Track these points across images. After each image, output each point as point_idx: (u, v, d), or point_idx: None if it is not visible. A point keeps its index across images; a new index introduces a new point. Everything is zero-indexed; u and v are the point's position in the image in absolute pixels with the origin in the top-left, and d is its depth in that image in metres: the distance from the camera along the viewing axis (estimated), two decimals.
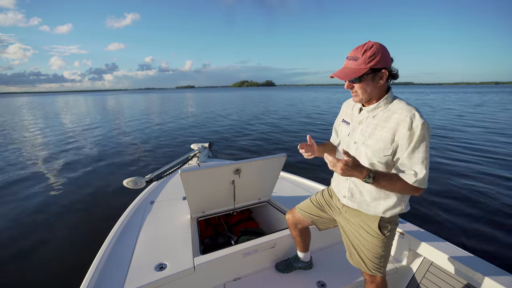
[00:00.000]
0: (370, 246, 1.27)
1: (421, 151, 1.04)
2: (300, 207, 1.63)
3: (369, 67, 1.06)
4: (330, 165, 1.06)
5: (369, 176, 1.06)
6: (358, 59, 1.07)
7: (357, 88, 1.13)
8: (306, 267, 1.77)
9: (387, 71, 1.08)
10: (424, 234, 1.78)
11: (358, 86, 1.12)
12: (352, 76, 1.09)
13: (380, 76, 1.09)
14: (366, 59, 1.06)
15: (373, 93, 1.13)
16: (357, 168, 1.04)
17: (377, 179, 1.07)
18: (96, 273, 1.45)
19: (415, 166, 1.05)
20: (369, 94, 1.13)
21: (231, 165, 1.82)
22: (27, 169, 6.16)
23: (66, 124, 14.51)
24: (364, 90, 1.12)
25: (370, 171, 1.07)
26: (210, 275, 1.60)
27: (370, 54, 1.05)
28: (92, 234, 3.20)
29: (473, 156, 6.35)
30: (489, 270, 1.43)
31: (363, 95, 1.14)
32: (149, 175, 2.34)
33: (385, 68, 1.08)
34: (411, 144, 1.04)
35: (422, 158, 1.04)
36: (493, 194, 4.16)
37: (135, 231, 1.89)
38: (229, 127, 11.66)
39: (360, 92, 1.13)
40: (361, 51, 1.07)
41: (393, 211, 1.20)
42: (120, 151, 7.70)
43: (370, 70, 1.07)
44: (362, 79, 1.10)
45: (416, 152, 1.04)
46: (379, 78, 1.10)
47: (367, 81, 1.10)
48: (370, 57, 1.05)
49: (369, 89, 1.12)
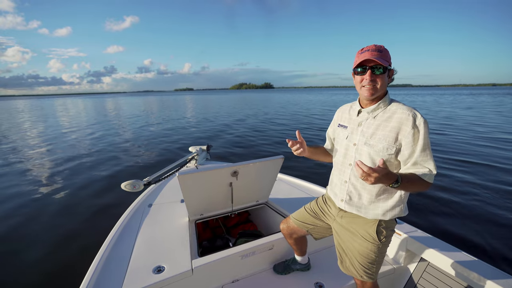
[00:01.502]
0: (364, 252, 1.26)
1: (428, 147, 1.08)
2: (294, 216, 1.61)
3: (389, 62, 1.14)
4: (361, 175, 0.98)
5: (396, 181, 1.02)
6: (382, 51, 1.12)
7: (380, 79, 1.13)
8: (304, 269, 1.78)
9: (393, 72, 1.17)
10: (421, 235, 1.80)
11: (381, 77, 1.13)
12: (385, 63, 1.11)
13: (390, 75, 1.17)
14: (388, 54, 1.14)
15: (384, 89, 1.18)
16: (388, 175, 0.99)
17: (402, 182, 1.04)
18: (95, 275, 1.45)
19: (428, 163, 1.08)
20: (382, 88, 1.16)
21: (228, 167, 1.83)
22: (25, 171, 6.12)
23: (64, 127, 14.43)
24: (383, 83, 1.15)
25: (398, 176, 1.03)
26: (208, 277, 1.60)
27: (388, 52, 1.14)
28: (91, 237, 3.19)
29: (468, 156, 6.41)
30: (486, 271, 1.44)
31: (381, 87, 1.15)
32: (147, 178, 2.35)
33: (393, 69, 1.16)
34: (419, 142, 1.07)
35: (431, 154, 1.09)
36: (489, 195, 4.20)
37: (133, 233, 1.89)
38: (227, 129, 11.67)
39: (380, 83, 1.14)
40: (382, 47, 1.13)
41: (392, 213, 1.20)
42: (118, 154, 7.68)
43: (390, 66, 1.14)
44: (385, 71, 1.14)
45: (427, 149, 1.08)
46: (390, 75, 1.17)
47: (385, 74, 1.15)
48: (388, 54, 1.14)
49: (384, 83, 1.16)
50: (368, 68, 1.13)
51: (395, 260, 1.87)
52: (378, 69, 1.12)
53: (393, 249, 1.88)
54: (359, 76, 1.17)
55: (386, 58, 1.13)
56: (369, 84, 1.14)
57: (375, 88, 1.15)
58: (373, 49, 1.12)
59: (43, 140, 10.36)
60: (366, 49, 1.14)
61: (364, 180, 0.99)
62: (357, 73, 1.18)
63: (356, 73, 1.18)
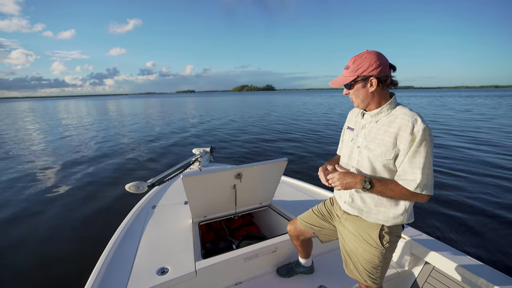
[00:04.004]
0: (368, 256, 1.25)
1: (422, 156, 1.04)
2: (301, 217, 1.61)
3: (356, 75, 1.14)
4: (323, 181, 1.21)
5: (365, 182, 1.11)
6: (349, 67, 1.16)
7: (351, 94, 1.21)
8: (308, 272, 1.77)
9: (375, 79, 1.11)
10: (426, 239, 1.78)
11: (351, 93, 1.21)
12: (341, 83, 1.19)
13: (370, 83, 1.14)
14: (355, 67, 1.14)
15: (366, 99, 1.18)
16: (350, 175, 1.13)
17: (374, 185, 1.11)
18: (99, 277, 1.46)
19: (415, 171, 1.05)
20: (362, 101, 1.19)
21: (232, 169, 1.83)
22: (29, 173, 6.18)
23: (67, 129, 14.57)
24: (356, 96, 1.19)
25: (365, 177, 1.11)
26: (211, 279, 1.60)
27: (359, 63, 1.13)
28: (94, 239, 3.20)
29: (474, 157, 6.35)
30: (493, 276, 1.41)
31: (356, 101, 1.21)
32: (151, 179, 2.36)
33: (373, 76, 1.12)
34: (412, 149, 1.05)
35: (423, 163, 1.04)
36: (495, 199, 4.15)
37: (137, 235, 1.90)
38: (230, 131, 11.70)
39: (353, 98, 1.22)
40: (353, 60, 1.15)
41: (395, 221, 1.18)
42: (122, 155, 7.73)
43: (359, 77, 1.14)
44: (351, 86, 1.18)
45: (417, 157, 1.04)
46: (369, 85, 1.15)
47: (357, 87, 1.17)
48: (358, 65, 1.13)
49: (361, 95, 1.18)
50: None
51: (400, 263, 1.85)
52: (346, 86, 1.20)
53: (397, 252, 1.87)
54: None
55: (351, 73, 1.15)
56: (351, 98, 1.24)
57: (354, 101, 1.23)
58: (346, 67, 1.19)
59: (47, 142, 10.46)
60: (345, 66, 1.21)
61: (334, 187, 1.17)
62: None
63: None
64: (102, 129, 13.71)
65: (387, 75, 1.12)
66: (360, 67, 1.12)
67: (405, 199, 1.12)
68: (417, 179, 1.05)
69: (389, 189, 1.11)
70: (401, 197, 1.11)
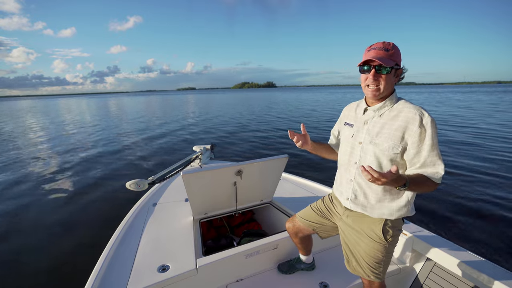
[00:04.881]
0: (371, 251, 1.24)
1: (437, 147, 1.06)
2: (300, 215, 1.60)
3: (396, 62, 1.11)
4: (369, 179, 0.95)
5: (404, 185, 1.01)
6: (390, 50, 1.10)
7: (383, 79, 1.11)
8: (309, 269, 1.77)
9: (402, 71, 1.14)
10: (427, 235, 1.78)
11: (385, 77, 1.11)
12: (390, 64, 1.08)
13: (398, 74, 1.14)
14: (395, 53, 1.10)
15: (389, 89, 1.15)
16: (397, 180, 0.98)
17: (410, 185, 1.03)
18: (100, 274, 1.46)
19: (437, 164, 1.06)
20: (387, 89, 1.14)
21: (233, 166, 1.82)
22: (30, 171, 6.20)
23: (68, 127, 14.59)
24: (388, 83, 1.12)
25: (406, 180, 1.02)
26: (212, 276, 1.60)
27: (397, 50, 1.11)
28: (96, 236, 3.22)
29: (474, 155, 6.33)
30: (494, 271, 1.41)
31: (385, 89, 1.13)
32: (152, 177, 2.36)
33: (402, 67, 1.13)
34: (427, 142, 1.05)
35: (439, 154, 1.06)
36: (495, 194, 4.14)
37: (138, 233, 1.90)
38: (230, 128, 11.69)
39: (384, 84, 1.12)
40: (390, 45, 1.11)
41: (398, 213, 1.19)
42: (122, 153, 7.74)
43: (397, 66, 1.11)
44: (391, 71, 1.11)
45: (434, 149, 1.05)
46: (397, 75, 1.14)
47: (391, 75, 1.12)
48: (397, 52, 1.10)
49: (390, 84, 1.13)
50: (373, 67, 1.11)
51: (401, 260, 1.85)
52: (384, 69, 1.09)
53: (398, 249, 1.87)
54: (364, 74, 1.15)
55: (393, 57, 1.10)
56: (373, 84, 1.13)
57: (378, 89, 1.13)
58: (379, 48, 1.10)
59: (48, 140, 10.49)
60: (374, 47, 1.12)
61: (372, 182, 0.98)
62: (362, 71, 1.16)
63: (361, 71, 1.17)
64: (102, 127, 13.70)
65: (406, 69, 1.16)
66: (398, 56, 1.11)
67: (428, 190, 1.10)
68: (440, 170, 1.06)
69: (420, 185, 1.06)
70: (427, 190, 1.09)
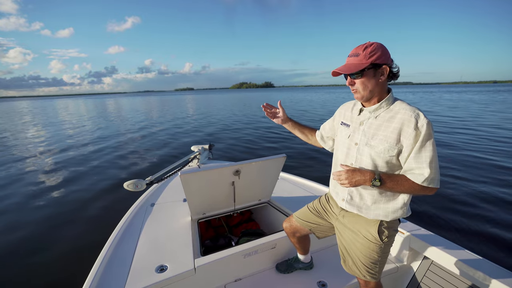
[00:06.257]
0: (366, 252, 1.25)
1: (428, 150, 1.04)
2: (297, 215, 1.60)
3: (370, 62, 1.08)
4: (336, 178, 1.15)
5: (375, 179, 1.07)
6: (359, 55, 1.10)
7: (358, 84, 1.13)
8: (307, 268, 1.77)
9: (388, 67, 1.10)
10: (424, 233, 1.79)
11: (360, 82, 1.12)
12: (354, 70, 1.09)
13: (381, 72, 1.11)
14: (367, 54, 1.08)
15: (374, 90, 1.13)
16: (359, 172, 1.09)
17: (384, 181, 1.08)
18: (98, 275, 1.46)
19: (423, 166, 1.04)
20: (370, 91, 1.13)
21: (231, 166, 1.82)
22: (28, 172, 6.15)
23: (66, 127, 14.51)
24: (365, 86, 1.12)
25: (375, 173, 1.08)
26: (211, 276, 1.60)
27: (371, 50, 1.08)
28: (93, 237, 3.20)
29: (473, 155, 6.37)
30: (491, 269, 1.42)
31: (364, 92, 1.14)
32: (150, 177, 2.35)
33: (385, 64, 1.09)
34: (418, 144, 1.04)
35: (430, 157, 1.04)
36: (494, 193, 4.17)
37: (136, 233, 1.90)
38: (228, 128, 11.68)
39: (361, 88, 1.13)
40: (362, 48, 1.10)
41: (394, 215, 1.18)
42: (120, 153, 7.70)
43: (371, 65, 1.09)
44: (363, 74, 1.10)
45: (423, 151, 1.04)
46: (380, 74, 1.11)
47: (368, 76, 1.11)
48: (371, 52, 1.08)
49: (370, 85, 1.12)
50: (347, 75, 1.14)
51: (398, 258, 1.86)
52: (352, 75, 1.13)
53: (396, 247, 1.87)
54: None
55: (363, 60, 1.09)
56: (352, 89, 1.17)
57: (359, 92, 1.15)
58: (351, 55, 1.13)
59: (45, 140, 10.42)
60: (349, 55, 1.15)
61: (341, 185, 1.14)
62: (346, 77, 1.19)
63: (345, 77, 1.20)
64: (100, 127, 13.65)
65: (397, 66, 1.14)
66: (374, 55, 1.08)
67: (414, 193, 1.11)
68: (425, 173, 1.04)
69: (399, 184, 1.08)
70: (410, 191, 1.09)
